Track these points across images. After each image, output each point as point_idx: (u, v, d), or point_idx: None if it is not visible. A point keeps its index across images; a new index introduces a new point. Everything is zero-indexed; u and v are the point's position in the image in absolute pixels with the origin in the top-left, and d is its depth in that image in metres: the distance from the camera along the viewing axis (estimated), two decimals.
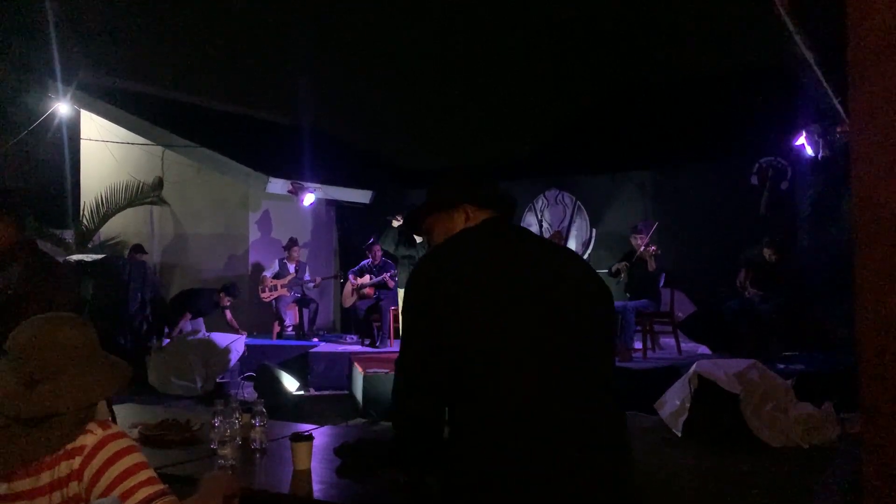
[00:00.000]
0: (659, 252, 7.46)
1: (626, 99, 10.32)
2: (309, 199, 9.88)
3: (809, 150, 6.92)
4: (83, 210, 11.10)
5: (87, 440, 1.55)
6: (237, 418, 2.59)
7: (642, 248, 7.47)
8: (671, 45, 9.44)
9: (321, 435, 2.76)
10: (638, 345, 7.59)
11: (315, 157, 10.75)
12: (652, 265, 7.38)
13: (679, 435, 5.72)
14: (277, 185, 9.78)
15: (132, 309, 8.89)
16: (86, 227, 10.80)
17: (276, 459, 2.49)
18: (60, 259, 9.48)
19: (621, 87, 10.49)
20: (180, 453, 2.57)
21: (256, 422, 2.56)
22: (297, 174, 10.11)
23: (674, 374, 6.70)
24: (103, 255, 9.23)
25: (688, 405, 5.69)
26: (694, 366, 5.83)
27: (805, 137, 6.79)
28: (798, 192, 8.11)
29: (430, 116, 11.22)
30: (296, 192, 9.81)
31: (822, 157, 6.62)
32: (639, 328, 7.64)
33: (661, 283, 7.69)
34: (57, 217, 11.51)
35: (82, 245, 10.61)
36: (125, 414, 3.38)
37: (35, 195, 12.07)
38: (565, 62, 10.75)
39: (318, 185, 10.16)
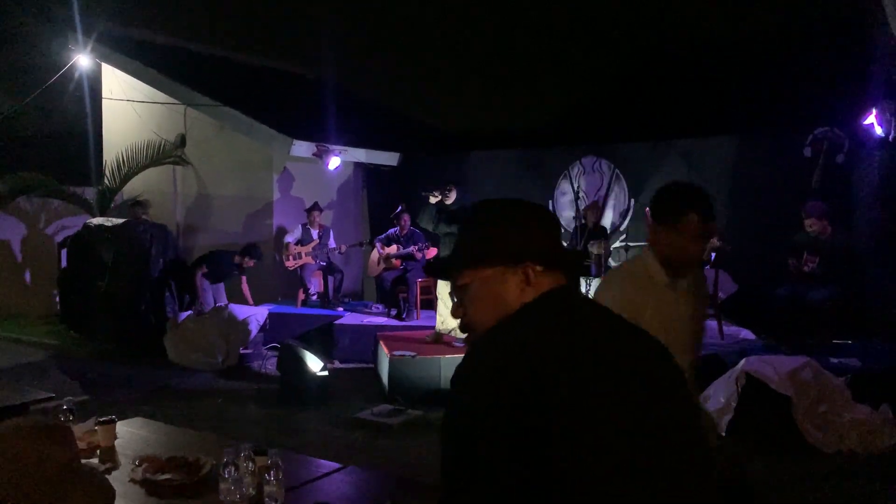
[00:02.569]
0: (728, 248, 6.95)
1: (672, 59, 9.70)
2: (334, 162, 9.51)
3: (879, 130, 6.35)
4: (105, 168, 10.84)
5: None
6: (248, 468, 2.30)
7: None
8: None
9: (345, 484, 2.45)
10: None
11: (341, 118, 10.34)
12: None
13: (723, 434, 5.39)
14: (302, 148, 9.41)
15: (154, 275, 8.68)
16: (107, 186, 10.55)
17: None
18: (81, 222, 9.32)
19: (666, 46, 9.85)
20: None
21: (270, 476, 2.26)
22: (322, 136, 9.73)
23: (716, 364, 6.33)
24: (124, 220, 8.98)
25: (734, 404, 5.35)
26: (742, 362, 5.46)
27: (875, 115, 6.21)
28: (857, 168, 7.55)
29: (460, 76, 10.71)
30: (321, 155, 9.45)
31: (894, 137, 6.06)
32: None
33: (707, 266, 7.26)
34: (77, 174, 11.28)
35: (104, 205, 10.39)
36: (131, 433, 3.12)
37: (56, 152, 11.84)
38: (606, 17, 10.14)
39: (344, 148, 9.78)
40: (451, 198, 6.99)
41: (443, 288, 6.87)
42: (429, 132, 11.20)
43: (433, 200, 6.99)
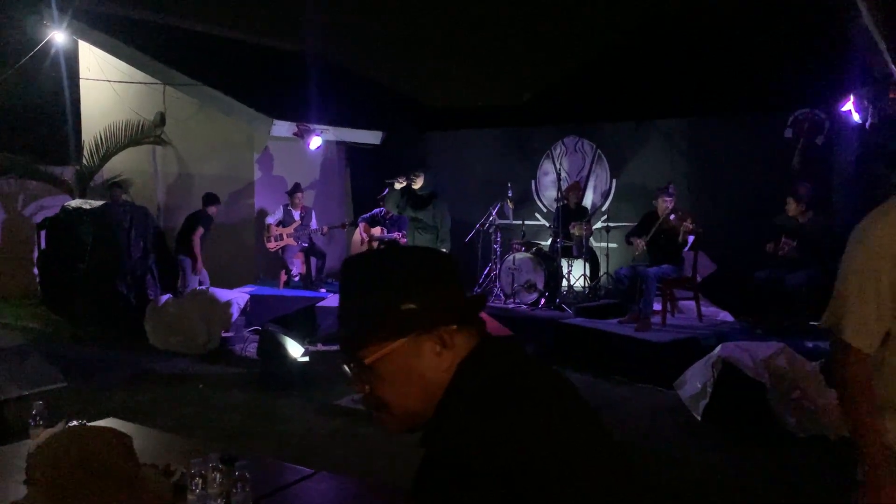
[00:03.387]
0: (699, 231, 6.97)
1: (655, 39, 9.63)
2: (315, 142, 9.44)
3: (856, 117, 6.36)
4: (84, 149, 10.70)
5: None
6: (216, 479, 2.30)
7: (672, 218, 7.02)
8: None
9: (316, 492, 2.46)
10: (656, 306, 7.28)
11: (322, 95, 10.23)
12: (682, 238, 6.94)
13: (699, 419, 5.47)
14: (283, 128, 9.33)
15: (134, 257, 8.62)
16: (86, 166, 10.42)
17: None
18: (60, 202, 9.22)
19: (649, 26, 9.78)
20: None
21: (238, 489, 2.27)
22: (303, 115, 9.63)
23: (694, 347, 6.42)
24: (103, 202, 8.89)
25: (710, 390, 5.42)
26: (718, 348, 5.52)
27: (853, 103, 6.21)
28: (836, 151, 7.57)
29: (443, 54, 10.59)
30: (301, 134, 9.37)
31: (871, 124, 6.07)
32: (658, 293, 7.29)
33: (687, 248, 7.30)
34: (56, 154, 11.13)
35: (83, 185, 10.27)
36: None
37: (33, 131, 11.66)
38: None
39: (326, 127, 9.70)
40: (419, 182, 6.99)
41: None
42: (412, 110, 11.11)
43: (398, 186, 7.00)
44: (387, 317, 1.14)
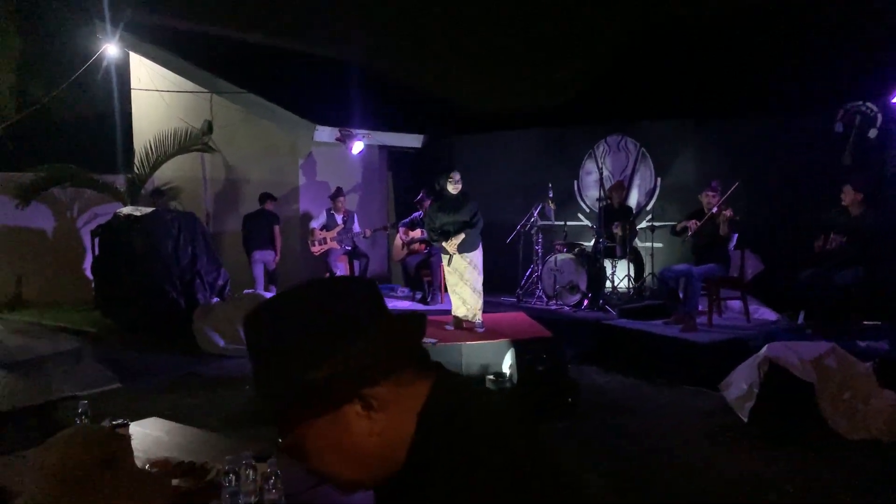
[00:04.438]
0: (737, 218, 6.84)
1: (700, 35, 9.46)
2: (357, 147, 9.54)
3: None
4: (135, 157, 11.01)
5: None
6: (249, 476, 2.35)
7: (714, 210, 6.89)
8: None
9: None
10: (702, 307, 7.14)
11: (363, 100, 10.34)
12: (725, 230, 6.81)
13: (745, 421, 5.34)
14: (325, 133, 9.46)
15: (183, 262, 8.83)
16: (137, 174, 10.73)
17: None
18: (113, 210, 9.51)
19: (694, 20, 9.61)
20: None
21: (270, 484, 2.30)
22: (345, 120, 9.75)
23: (741, 348, 6.27)
24: (152, 209, 9.13)
25: (756, 391, 5.28)
26: (765, 348, 5.38)
27: None
28: (890, 145, 7.32)
29: (483, 56, 10.60)
30: (344, 139, 9.48)
31: None
32: (704, 293, 7.16)
33: (732, 246, 7.14)
34: (108, 163, 11.48)
35: (134, 193, 10.57)
36: (145, 434, 3.20)
37: (86, 141, 12.05)
38: None
39: (367, 132, 9.79)
40: (455, 186, 6.73)
41: (450, 276, 6.82)
42: (452, 113, 11.14)
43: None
44: (289, 394, 0.94)
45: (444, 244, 6.63)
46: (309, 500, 2.46)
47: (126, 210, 9.15)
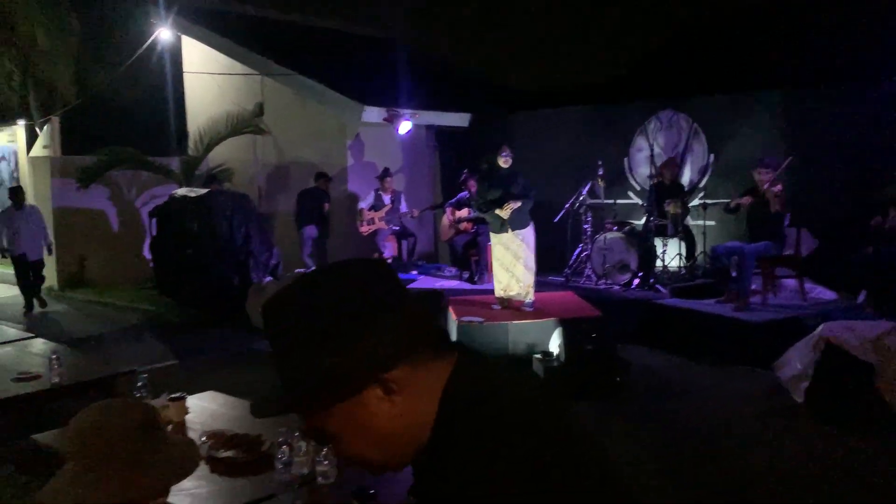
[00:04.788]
0: (786, 194, 6.66)
1: (753, 6, 9.17)
2: (405, 127, 9.56)
3: None
4: (188, 139, 11.26)
5: None
6: (301, 449, 2.41)
7: (766, 186, 6.71)
8: None
9: None
10: (755, 285, 6.99)
11: (411, 80, 10.34)
12: (775, 206, 6.63)
13: (799, 401, 5.24)
14: (373, 114, 9.50)
15: (237, 242, 9.01)
16: (191, 156, 10.97)
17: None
18: (168, 192, 9.76)
19: None
20: (246, 486, 2.42)
21: (322, 457, 2.36)
22: (392, 100, 9.78)
23: (796, 327, 6.13)
24: (206, 190, 9.33)
25: (811, 371, 5.16)
26: (821, 327, 5.25)
27: None
28: None
29: (530, 31, 10.47)
30: (391, 120, 9.51)
31: None
32: (758, 271, 7.00)
33: (787, 223, 6.96)
34: (163, 146, 11.76)
35: (188, 174, 10.82)
36: (202, 407, 3.31)
37: (141, 124, 12.35)
38: None
39: (414, 112, 9.80)
40: (506, 160, 6.79)
41: (499, 250, 6.83)
42: (500, 91, 11.06)
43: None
44: (310, 381, 0.95)
45: (497, 211, 6.68)
46: (359, 472, 2.51)
47: (181, 191, 9.37)
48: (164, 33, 10.89)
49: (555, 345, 5.85)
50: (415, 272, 9.17)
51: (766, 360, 5.78)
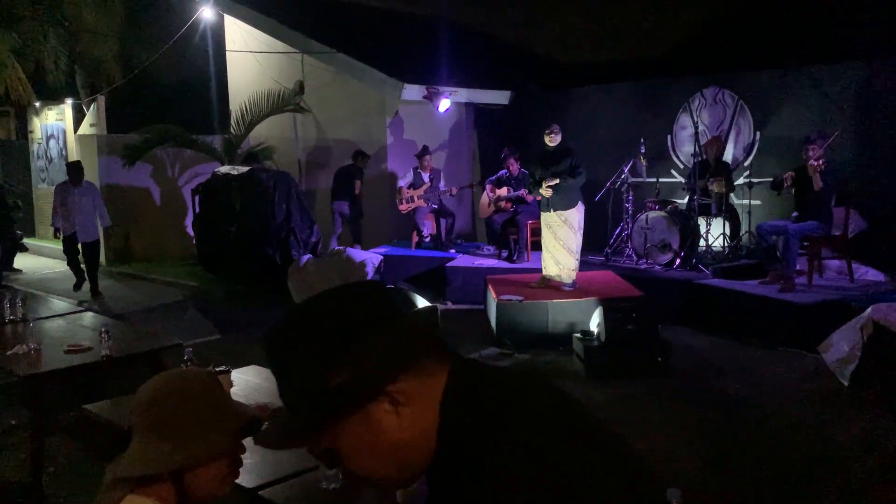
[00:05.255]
0: (825, 167, 6.45)
1: None
2: (444, 104, 9.52)
3: None
4: (230, 118, 11.38)
5: None
6: None
7: (810, 162, 6.52)
8: None
9: None
10: (801, 266, 6.83)
11: (450, 57, 10.27)
12: (818, 183, 6.44)
13: (845, 384, 5.14)
14: (413, 92, 9.47)
15: (278, 219, 9.12)
16: (233, 134, 11.10)
17: None
18: (211, 169, 9.90)
19: None
20: (290, 457, 2.47)
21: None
22: (432, 78, 9.73)
23: (843, 310, 5.99)
24: (248, 168, 9.44)
25: (858, 353, 5.06)
26: (869, 309, 5.13)
27: None
28: None
29: (572, 6, 10.30)
30: (431, 97, 9.48)
31: None
32: (803, 252, 6.85)
33: (833, 203, 6.77)
34: (205, 124, 11.90)
35: (230, 152, 10.95)
36: (246, 381, 3.37)
37: (184, 102, 12.52)
38: None
39: (454, 89, 9.75)
40: (555, 139, 6.80)
41: (543, 230, 6.82)
42: (540, 67, 10.93)
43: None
44: (317, 403, 0.96)
45: (539, 190, 6.71)
46: None
47: (224, 169, 9.50)
48: (206, 12, 11.00)
49: (595, 324, 5.82)
50: (453, 251, 9.18)
51: (811, 342, 5.68)
